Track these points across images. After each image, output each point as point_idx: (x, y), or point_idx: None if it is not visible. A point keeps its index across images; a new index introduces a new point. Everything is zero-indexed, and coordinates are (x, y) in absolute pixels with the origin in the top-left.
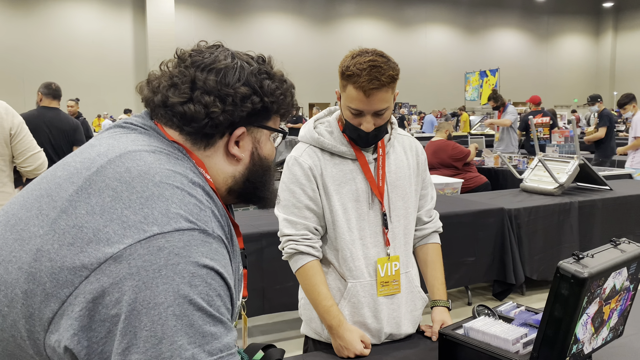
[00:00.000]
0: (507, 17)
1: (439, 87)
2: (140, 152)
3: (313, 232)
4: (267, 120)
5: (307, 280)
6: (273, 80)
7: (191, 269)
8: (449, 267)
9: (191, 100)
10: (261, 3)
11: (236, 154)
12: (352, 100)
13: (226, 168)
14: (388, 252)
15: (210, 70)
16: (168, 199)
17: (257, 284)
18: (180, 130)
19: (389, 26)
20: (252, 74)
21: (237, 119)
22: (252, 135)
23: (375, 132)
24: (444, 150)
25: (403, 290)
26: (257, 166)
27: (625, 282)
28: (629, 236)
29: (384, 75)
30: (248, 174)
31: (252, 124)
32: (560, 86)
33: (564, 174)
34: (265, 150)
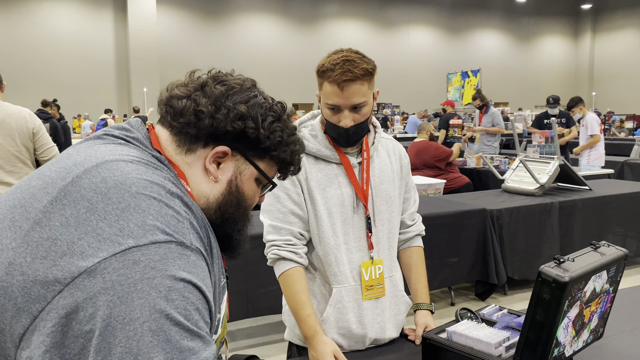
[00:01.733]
0: (489, 18)
1: (421, 87)
2: (117, 161)
3: (297, 237)
4: (258, 157)
5: (288, 287)
6: (279, 122)
7: (168, 282)
8: (432, 267)
9: (189, 98)
10: (244, 3)
11: (211, 170)
12: (329, 95)
13: (203, 185)
14: (372, 255)
15: (224, 84)
16: (144, 210)
17: (242, 287)
18: (170, 128)
19: (372, 27)
20: (261, 106)
21: (222, 131)
22: (236, 163)
23: (355, 129)
24: (426, 151)
25: (387, 295)
26: (232, 197)
27: (605, 285)
28: (608, 235)
29: (357, 68)
30: (222, 201)
31: (240, 151)
32: (540, 86)
33: (544, 175)
34: (246, 187)
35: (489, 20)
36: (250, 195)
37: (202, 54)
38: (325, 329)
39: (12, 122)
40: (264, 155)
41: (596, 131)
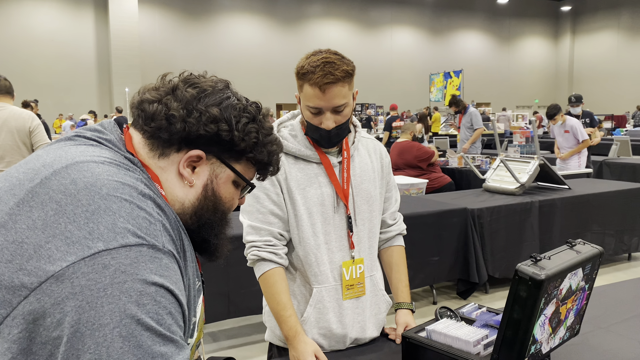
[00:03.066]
0: (471, 19)
1: (404, 88)
2: (88, 163)
3: (277, 237)
4: (235, 159)
5: (268, 288)
6: (254, 123)
7: (139, 286)
8: (414, 266)
9: (160, 102)
10: (227, 3)
11: (186, 175)
12: (310, 98)
13: (177, 190)
14: (352, 255)
15: (195, 87)
16: (115, 212)
17: (223, 288)
18: (142, 131)
19: (355, 27)
20: (235, 107)
21: (195, 135)
22: (212, 166)
23: (336, 131)
24: (408, 151)
25: (368, 294)
26: (209, 201)
27: (580, 283)
28: (587, 234)
29: (337, 70)
30: (198, 206)
31: (215, 154)
32: (521, 87)
33: (524, 174)
34: (223, 190)
35: (471, 21)
36: (228, 199)
37: (185, 53)
38: (306, 329)
39: (13, 121)
40: (241, 157)
41: (585, 136)
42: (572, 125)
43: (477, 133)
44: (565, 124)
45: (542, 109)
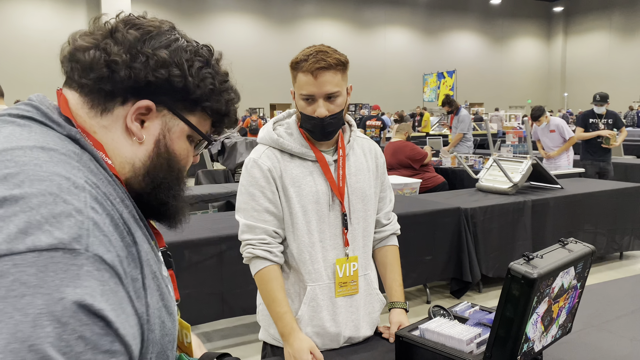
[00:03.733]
0: (464, 20)
1: (398, 88)
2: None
3: (272, 235)
4: (188, 110)
5: (263, 285)
6: (209, 67)
7: (39, 303)
8: (407, 266)
9: (97, 48)
10: (221, 3)
11: (134, 130)
12: (302, 86)
13: (125, 149)
14: (347, 252)
15: (137, 28)
16: (33, 209)
17: (217, 288)
18: (79, 88)
19: (349, 27)
20: (186, 50)
21: (142, 83)
22: (163, 119)
23: (330, 120)
24: (402, 151)
25: (361, 293)
26: (162, 159)
27: (572, 281)
28: (579, 233)
29: (330, 57)
30: (150, 165)
31: (166, 105)
32: (514, 87)
33: (517, 174)
34: (177, 146)
35: (465, 21)
36: (182, 155)
37: None
38: (300, 327)
39: None
40: (195, 108)
41: (571, 133)
42: (558, 124)
43: (455, 137)
44: (550, 124)
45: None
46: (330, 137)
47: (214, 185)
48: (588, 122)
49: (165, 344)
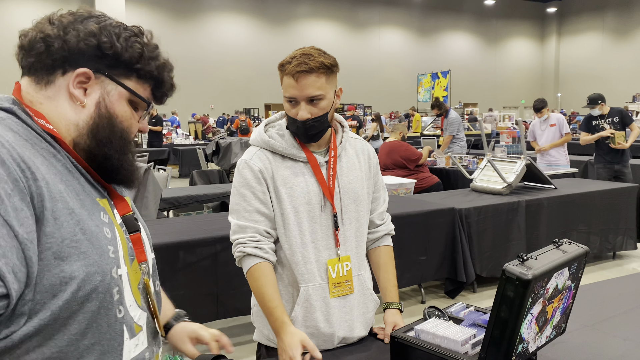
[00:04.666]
0: (458, 20)
1: (392, 88)
2: None
3: (263, 234)
4: (124, 76)
5: (254, 282)
6: (137, 37)
7: None
8: (402, 266)
9: (34, 30)
10: (215, 2)
11: (76, 94)
12: (286, 88)
13: (70, 113)
14: (338, 252)
15: (72, 14)
16: None
17: (211, 288)
18: (27, 71)
19: (343, 28)
20: (114, 26)
21: (75, 52)
22: (101, 85)
23: (312, 123)
24: (396, 151)
25: (355, 293)
26: (103, 119)
27: (567, 282)
28: (573, 233)
29: (313, 61)
30: (92, 124)
31: (102, 72)
32: (508, 88)
33: (511, 174)
34: (117, 108)
35: (459, 22)
36: (124, 117)
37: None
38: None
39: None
40: (130, 73)
41: (568, 130)
42: (559, 118)
43: (445, 139)
44: (550, 118)
45: (528, 109)
46: (315, 139)
47: (209, 185)
48: (590, 124)
49: (92, 274)
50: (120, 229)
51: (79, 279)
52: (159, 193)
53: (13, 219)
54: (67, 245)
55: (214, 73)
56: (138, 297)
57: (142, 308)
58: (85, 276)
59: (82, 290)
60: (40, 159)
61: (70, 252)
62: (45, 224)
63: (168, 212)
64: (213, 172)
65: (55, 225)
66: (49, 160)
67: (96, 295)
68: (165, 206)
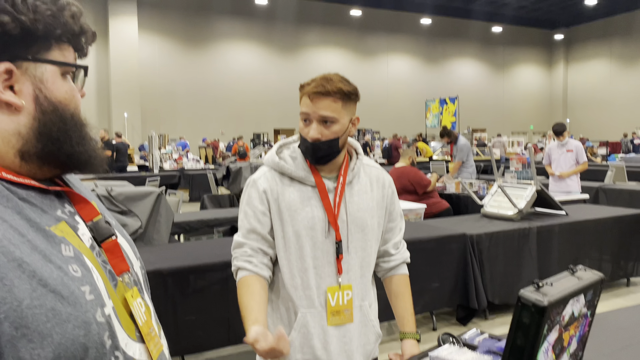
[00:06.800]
0: (465, 47)
1: (401, 114)
2: None
3: (255, 250)
4: (45, 50)
5: (239, 294)
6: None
7: None
8: (414, 292)
9: None
10: (226, 30)
11: (10, 99)
12: (302, 106)
13: (3, 124)
14: (339, 280)
15: None
16: None
17: (222, 314)
18: None
19: (352, 55)
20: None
21: None
22: (29, 74)
23: (321, 145)
24: (406, 176)
25: (356, 323)
26: (50, 114)
27: (583, 309)
28: (585, 260)
29: (332, 85)
30: (39, 126)
31: (22, 58)
32: (516, 113)
33: (522, 200)
34: (57, 91)
35: (466, 49)
36: (68, 98)
37: (184, 79)
38: (290, 353)
39: None
40: (49, 43)
41: (585, 158)
42: (577, 146)
43: (455, 165)
44: (568, 143)
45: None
46: (322, 162)
47: (219, 209)
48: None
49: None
50: (90, 254)
51: (54, 345)
52: (171, 217)
53: None
54: (28, 308)
55: (224, 99)
56: (132, 330)
57: (138, 339)
58: (61, 339)
59: (64, 356)
60: None
61: (34, 315)
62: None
63: (179, 236)
64: (223, 196)
65: (3, 288)
66: None
67: (85, 354)
68: (176, 230)
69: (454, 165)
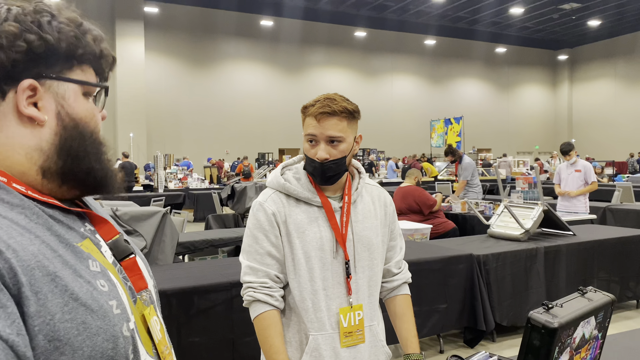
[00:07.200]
0: (470, 67)
1: (405, 133)
2: None
3: (274, 279)
4: (67, 70)
5: (262, 330)
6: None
7: None
8: (422, 314)
9: None
10: (232, 51)
11: (33, 114)
12: (307, 127)
13: (26, 139)
14: (350, 301)
15: None
16: None
17: (227, 335)
18: None
19: (356, 75)
20: (24, 13)
21: (9, 65)
22: (51, 91)
23: (330, 165)
24: (412, 196)
25: (367, 344)
26: (71, 131)
27: (593, 331)
28: (593, 280)
29: (336, 105)
30: (60, 142)
31: (45, 76)
32: (521, 133)
33: (529, 220)
34: (79, 109)
35: (470, 69)
36: (88, 116)
37: (189, 99)
38: None
39: None
40: (72, 63)
41: (595, 178)
42: (585, 166)
43: (460, 185)
44: (577, 163)
45: (542, 154)
46: (331, 181)
47: (224, 230)
48: None
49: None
50: (114, 270)
51: (85, 357)
52: (176, 237)
53: None
54: (60, 321)
55: (229, 119)
56: (149, 346)
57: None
58: (92, 352)
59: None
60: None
61: (66, 329)
62: (26, 304)
63: (183, 256)
64: (228, 216)
65: (38, 301)
66: (7, 218)
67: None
68: (180, 250)
69: (459, 184)
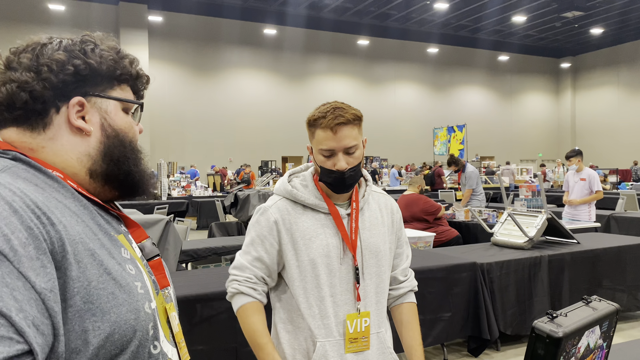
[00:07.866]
0: (472, 75)
1: (408, 141)
2: None
3: (259, 278)
4: (109, 88)
5: (246, 319)
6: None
7: None
8: (426, 323)
9: (3, 85)
10: (235, 59)
11: (81, 125)
12: (322, 141)
13: (77, 146)
14: (358, 307)
15: (25, 51)
16: None
17: (230, 343)
18: (14, 123)
19: (359, 83)
20: (73, 44)
21: (60, 85)
22: (96, 107)
23: (350, 173)
24: (415, 204)
25: (374, 351)
26: (113, 139)
27: (598, 341)
28: (597, 289)
29: (347, 113)
30: (104, 148)
31: (91, 94)
32: (525, 141)
33: (533, 228)
34: (119, 122)
35: (473, 77)
36: (127, 128)
37: (193, 108)
38: None
39: None
40: (112, 83)
41: (600, 187)
42: (590, 175)
43: (466, 194)
44: (582, 172)
45: (546, 162)
46: (350, 189)
47: (227, 237)
48: None
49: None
50: (141, 263)
51: (111, 322)
52: (179, 245)
53: (28, 269)
54: (95, 288)
55: (232, 126)
56: (167, 333)
57: (171, 344)
58: (117, 318)
59: (117, 332)
60: (54, 202)
61: (99, 295)
62: (69, 269)
63: (187, 264)
64: (231, 224)
65: (79, 268)
66: (62, 203)
67: (133, 335)
68: (184, 258)
69: (465, 193)
